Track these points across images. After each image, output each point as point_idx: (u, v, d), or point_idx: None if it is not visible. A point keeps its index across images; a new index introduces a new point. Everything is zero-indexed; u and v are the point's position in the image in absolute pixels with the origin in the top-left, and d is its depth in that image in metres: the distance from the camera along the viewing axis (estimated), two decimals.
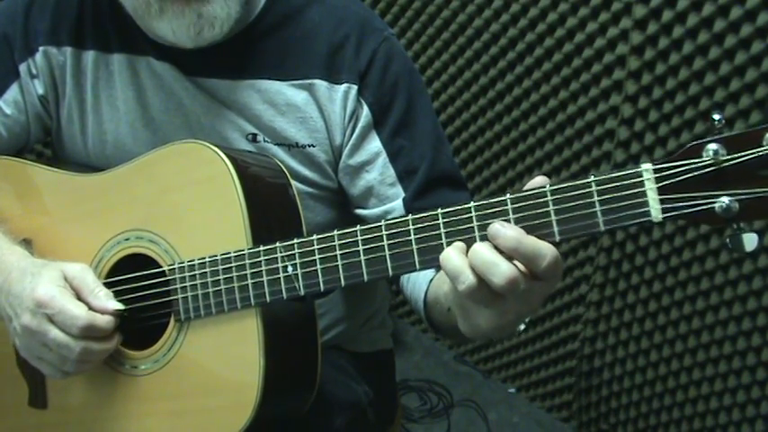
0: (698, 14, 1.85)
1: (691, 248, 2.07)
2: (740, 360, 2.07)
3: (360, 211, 1.33)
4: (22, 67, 1.32)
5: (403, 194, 1.28)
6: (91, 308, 1.12)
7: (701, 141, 0.80)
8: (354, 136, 1.28)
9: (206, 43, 1.20)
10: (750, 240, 0.80)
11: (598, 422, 2.48)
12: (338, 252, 1.00)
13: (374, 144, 1.28)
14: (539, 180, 0.90)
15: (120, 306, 1.14)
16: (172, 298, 1.16)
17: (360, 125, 1.27)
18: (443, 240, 0.92)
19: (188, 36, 1.18)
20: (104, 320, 1.12)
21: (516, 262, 0.87)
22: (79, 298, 1.13)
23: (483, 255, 0.86)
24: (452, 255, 0.89)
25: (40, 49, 1.31)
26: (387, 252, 0.96)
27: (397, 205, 1.28)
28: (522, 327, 1.01)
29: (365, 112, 1.27)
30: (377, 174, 1.29)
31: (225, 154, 1.13)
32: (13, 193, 1.35)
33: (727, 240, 0.81)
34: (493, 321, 0.92)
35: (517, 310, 0.91)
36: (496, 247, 0.87)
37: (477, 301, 0.89)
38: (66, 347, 1.11)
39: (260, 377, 1.08)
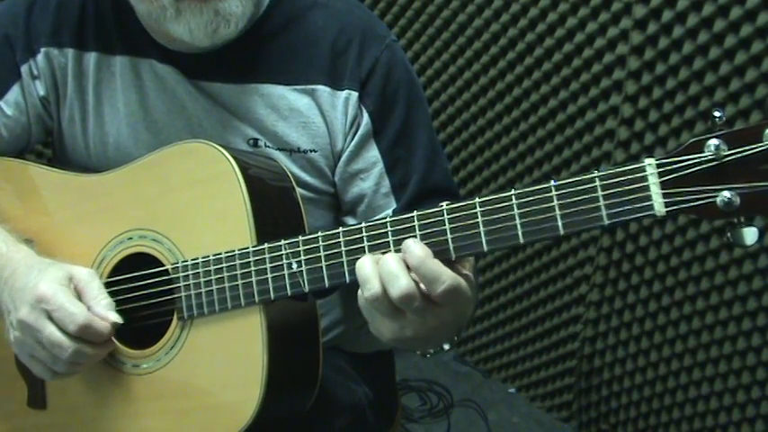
0: (698, 14, 1.85)
1: (691, 248, 2.07)
2: (740, 360, 2.07)
3: (349, 219, 1.34)
4: (24, 68, 1.32)
5: (394, 205, 1.29)
6: (91, 313, 1.12)
7: (702, 137, 0.81)
8: (353, 143, 1.28)
9: (221, 42, 1.21)
10: (751, 234, 0.82)
11: (598, 422, 2.49)
12: (343, 249, 1.00)
13: (372, 153, 1.29)
14: None
15: (119, 320, 1.14)
16: (175, 296, 1.16)
17: (360, 132, 1.28)
18: (449, 236, 0.93)
19: (205, 35, 1.18)
20: (102, 324, 1.12)
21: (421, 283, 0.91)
22: (80, 301, 1.13)
23: (389, 265, 0.91)
24: (366, 263, 0.94)
25: (42, 50, 1.31)
26: (392, 248, 0.96)
27: (386, 217, 1.27)
28: (447, 347, 1.05)
29: (365, 119, 1.27)
30: (372, 183, 1.29)
31: (230, 154, 1.14)
32: (15, 193, 1.35)
33: (728, 234, 0.83)
34: (393, 333, 0.96)
35: (415, 328, 0.95)
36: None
37: (380, 310, 0.94)
38: (59, 347, 1.10)
39: (263, 375, 1.08)
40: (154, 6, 1.17)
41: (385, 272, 0.91)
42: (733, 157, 0.79)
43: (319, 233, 1.03)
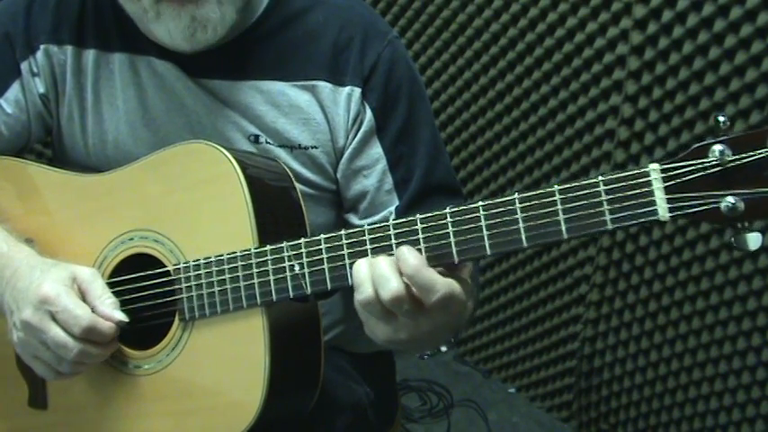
0: (698, 14, 1.85)
1: (691, 248, 2.08)
2: (740, 360, 2.07)
3: (351, 217, 1.33)
4: (24, 66, 1.31)
5: (397, 203, 1.28)
6: (95, 313, 1.12)
7: (706, 142, 0.82)
8: (357, 140, 1.28)
9: (201, 46, 1.20)
10: (754, 239, 0.82)
11: (598, 422, 2.49)
12: (345, 251, 1.00)
13: (375, 150, 1.28)
14: None
15: (125, 318, 1.14)
16: (176, 297, 1.16)
17: (363, 129, 1.27)
18: (452, 239, 0.93)
19: (183, 38, 1.18)
20: (106, 326, 1.12)
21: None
22: (84, 301, 1.13)
23: (380, 267, 0.93)
24: (362, 266, 0.95)
25: (41, 47, 1.31)
26: (395, 251, 0.96)
27: (388, 214, 1.28)
28: (444, 348, 1.06)
29: (368, 116, 1.27)
30: (374, 180, 1.29)
31: (231, 154, 1.14)
32: (15, 193, 1.34)
33: (732, 240, 0.83)
34: (387, 335, 0.97)
35: (409, 331, 0.96)
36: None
37: (373, 313, 0.95)
38: (64, 347, 1.10)
39: (265, 376, 1.08)
40: (136, 7, 1.18)
41: (376, 274, 0.92)
42: (737, 162, 0.80)
43: (321, 235, 1.03)
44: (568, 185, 0.88)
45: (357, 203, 1.31)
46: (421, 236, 0.95)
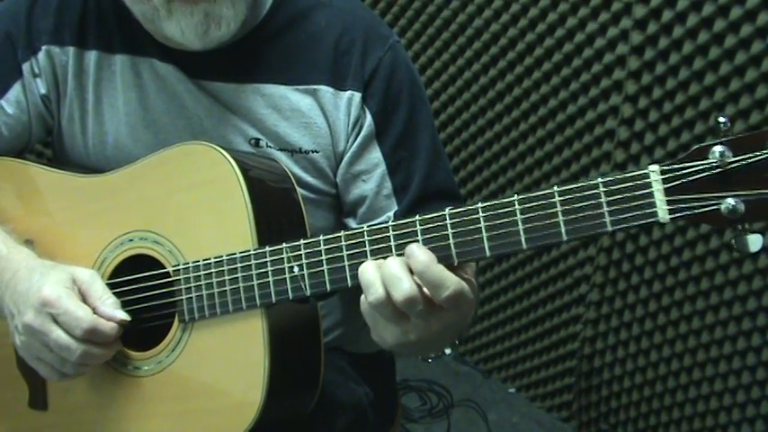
0: (698, 14, 1.85)
1: (691, 248, 2.08)
2: (740, 360, 2.07)
3: (350, 221, 1.33)
4: (25, 67, 1.31)
5: (396, 208, 1.29)
6: (97, 313, 1.12)
7: (707, 144, 0.82)
8: (356, 144, 1.28)
9: (213, 44, 1.20)
10: (754, 241, 0.82)
11: (598, 422, 2.49)
12: (345, 253, 1.00)
13: (375, 155, 1.28)
14: None
15: (126, 317, 1.14)
16: (176, 299, 1.16)
17: (362, 134, 1.27)
18: (451, 241, 0.93)
19: (196, 35, 1.18)
20: (108, 326, 1.12)
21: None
22: (85, 302, 1.13)
23: (391, 268, 0.92)
24: (369, 267, 0.94)
25: (43, 48, 1.31)
26: (394, 252, 0.96)
27: (387, 219, 1.28)
28: (448, 351, 1.06)
29: (368, 120, 1.27)
30: (373, 185, 1.29)
31: (231, 156, 1.14)
32: (16, 194, 1.34)
33: (732, 241, 0.83)
34: (396, 338, 0.97)
35: (419, 332, 0.96)
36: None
37: (384, 315, 0.94)
38: (66, 349, 1.11)
39: (264, 378, 1.08)
40: (147, 7, 1.17)
41: (387, 275, 0.92)
42: (738, 164, 0.80)
43: (321, 237, 1.03)
44: (568, 187, 0.87)
45: (356, 208, 1.31)
46: (420, 237, 0.95)
